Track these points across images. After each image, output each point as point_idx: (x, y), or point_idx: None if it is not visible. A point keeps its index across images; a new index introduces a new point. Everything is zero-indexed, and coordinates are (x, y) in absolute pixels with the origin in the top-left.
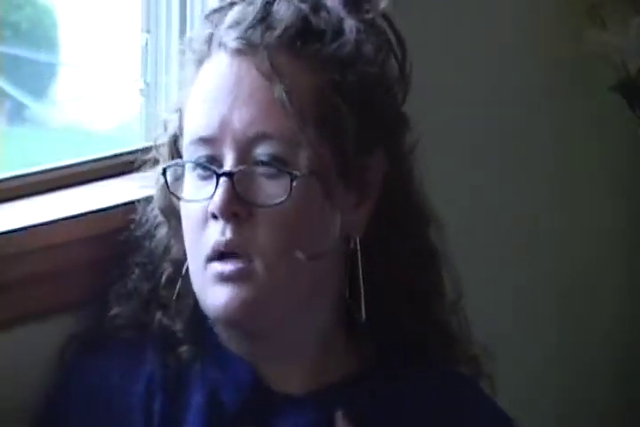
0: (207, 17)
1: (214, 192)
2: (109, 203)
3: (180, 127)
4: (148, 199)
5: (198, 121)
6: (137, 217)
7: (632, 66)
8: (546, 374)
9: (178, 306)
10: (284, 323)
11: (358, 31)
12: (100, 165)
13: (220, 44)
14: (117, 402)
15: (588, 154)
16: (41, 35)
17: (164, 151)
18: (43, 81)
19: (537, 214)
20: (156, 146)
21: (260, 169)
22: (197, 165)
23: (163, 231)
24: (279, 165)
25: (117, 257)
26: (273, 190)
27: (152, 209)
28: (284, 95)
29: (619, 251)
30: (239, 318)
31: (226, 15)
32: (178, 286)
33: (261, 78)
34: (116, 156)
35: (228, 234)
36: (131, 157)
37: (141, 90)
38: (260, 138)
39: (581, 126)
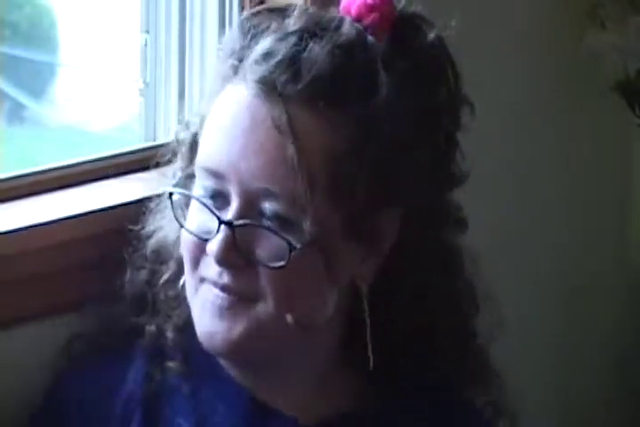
0: (244, 20)
1: (214, 236)
2: (109, 203)
3: (199, 133)
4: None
5: (209, 150)
6: (142, 216)
7: (632, 66)
8: (545, 374)
9: (172, 312)
10: (277, 361)
11: (394, 87)
12: (99, 165)
13: (244, 77)
14: (98, 419)
15: (588, 154)
16: (40, 35)
17: (184, 149)
18: (42, 81)
19: (537, 214)
20: (177, 140)
21: (264, 222)
22: (203, 204)
23: (173, 229)
24: (282, 224)
25: (116, 257)
26: (274, 248)
27: (159, 208)
28: (295, 157)
29: (618, 251)
30: (225, 350)
31: (263, 33)
32: (174, 291)
33: (275, 131)
34: (115, 156)
35: (225, 279)
36: (130, 158)
37: (140, 90)
38: (265, 194)
39: (581, 126)
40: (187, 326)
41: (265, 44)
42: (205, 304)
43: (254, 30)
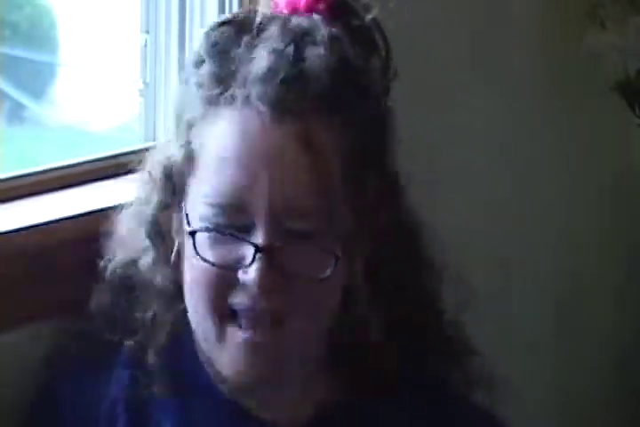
0: (210, 36)
1: (251, 264)
2: (109, 203)
3: (188, 166)
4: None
5: (225, 185)
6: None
7: (632, 66)
8: (545, 374)
9: (153, 334)
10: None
11: (381, 83)
12: (99, 165)
13: (247, 100)
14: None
15: (588, 154)
16: (40, 35)
17: (157, 175)
18: (42, 81)
19: (536, 214)
20: (150, 172)
21: (296, 239)
22: (223, 233)
23: (147, 258)
24: (311, 237)
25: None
26: (311, 262)
27: (135, 231)
28: (321, 169)
29: (618, 251)
30: (254, 384)
31: (239, 48)
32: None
33: (299, 150)
34: (115, 156)
35: (263, 304)
36: (130, 158)
37: (140, 90)
38: (297, 214)
39: (581, 126)
40: (169, 348)
41: (261, 63)
42: (238, 345)
43: (228, 45)
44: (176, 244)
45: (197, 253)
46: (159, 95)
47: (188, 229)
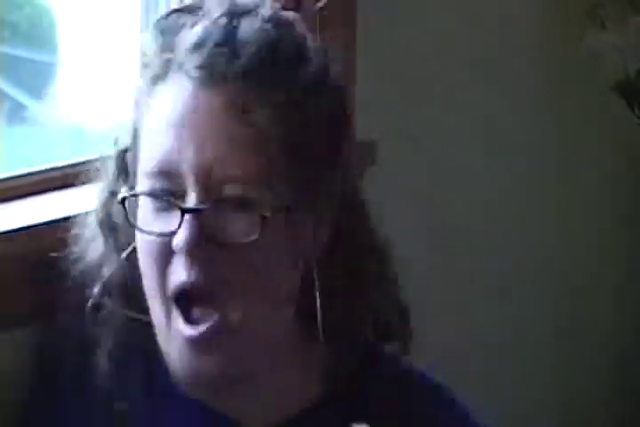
0: (159, 23)
1: (178, 228)
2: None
3: (134, 145)
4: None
5: (158, 152)
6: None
7: (632, 66)
8: (545, 374)
9: (106, 331)
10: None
11: (323, 52)
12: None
13: (180, 68)
14: None
15: (588, 153)
16: (40, 35)
17: (110, 166)
18: (42, 81)
19: (536, 214)
20: (101, 158)
21: (226, 205)
22: (158, 198)
23: (97, 248)
24: (244, 205)
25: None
26: (241, 227)
27: (86, 225)
28: (253, 135)
29: (618, 251)
30: (212, 382)
31: (182, 28)
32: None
33: (229, 114)
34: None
35: (194, 275)
36: None
37: None
38: (228, 179)
39: (581, 126)
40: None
41: (195, 32)
42: (185, 342)
43: (173, 28)
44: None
45: (128, 221)
46: None
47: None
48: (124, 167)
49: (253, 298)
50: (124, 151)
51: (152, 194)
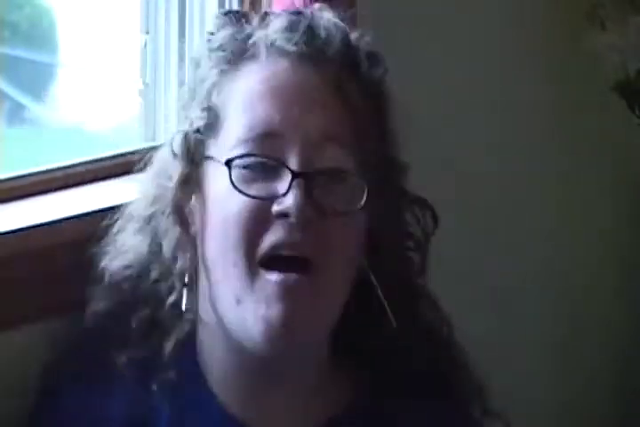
0: (227, 15)
1: (287, 192)
2: (109, 203)
3: (211, 126)
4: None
5: (255, 119)
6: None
7: (632, 66)
8: (545, 374)
9: (171, 329)
10: (314, 344)
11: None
12: (99, 165)
13: (275, 47)
14: None
15: (588, 154)
16: (40, 35)
17: (178, 146)
18: (42, 82)
19: (536, 214)
20: (171, 142)
21: (327, 174)
22: (256, 164)
23: (171, 238)
24: (345, 176)
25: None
26: (345, 197)
27: (151, 206)
28: (348, 107)
29: (618, 251)
30: (291, 334)
31: (264, 19)
32: (184, 303)
33: (327, 85)
34: (115, 156)
35: (297, 236)
36: (130, 158)
37: (140, 91)
38: (329, 143)
39: (581, 126)
40: (183, 344)
41: (282, 17)
42: (273, 290)
43: (240, 22)
44: (197, 222)
45: (234, 186)
46: (159, 95)
47: (223, 160)
48: (192, 152)
49: (341, 267)
50: (198, 132)
51: (259, 155)
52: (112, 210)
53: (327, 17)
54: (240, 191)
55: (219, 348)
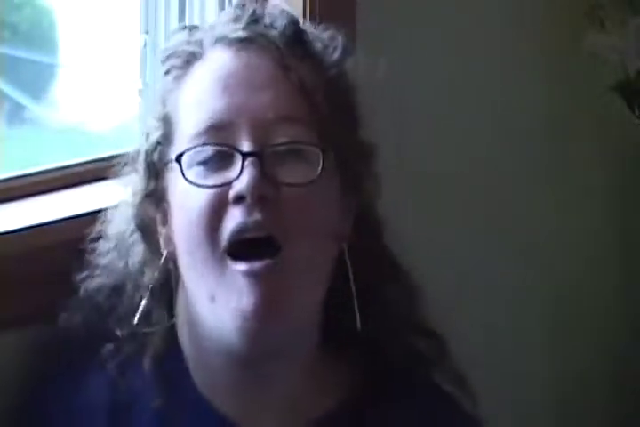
0: (184, 28)
1: (240, 174)
2: (109, 203)
3: (166, 135)
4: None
5: (204, 112)
6: (100, 229)
7: (631, 67)
8: (544, 375)
9: (148, 339)
10: (296, 334)
11: (342, 39)
12: (99, 165)
13: (218, 40)
14: None
15: (588, 154)
16: (40, 36)
17: (141, 162)
18: (42, 82)
19: (535, 214)
20: (132, 157)
21: (283, 149)
22: (210, 158)
23: (138, 250)
24: (303, 144)
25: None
26: (300, 170)
27: (122, 224)
28: (297, 84)
29: (614, 252)
30: (269, 322)
31: (215, 20)
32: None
33: (274, 67)
34: (115, 156)
35: (257, 215)
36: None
37: (140, 91)
38: (280, 121)
39: (581, 126)
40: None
41: (226, 14)
42: (241, 278)
43: (193, 28)
44: (162, 234)
45: (187, 179)
46: None
47: (174, 157)
48: (155, 165)
49: (309, 243)
50: (156, 145)
51: (208, 144)
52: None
53: (274, 5)
54: (193, 183)
55: (202, 352)
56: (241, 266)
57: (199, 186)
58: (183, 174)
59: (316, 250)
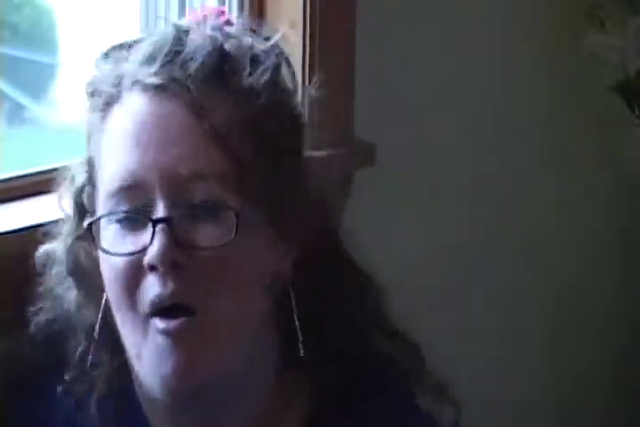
0: (107, 55)
1: (151, 241)
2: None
3: (91, 179)
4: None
5: (117, 170)
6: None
7: (631, 67)
8: (544, 375)
9: (92, 380)
10: (230, 380)
11: (274, 56)
12: None
13: (134, 83)
14: None
15: (588, 154)
16: (40, 36)
17: (68, 206)
18: (42, 82)
19: (536, 214)
20: (58, 199)
21: (197, 211)
22: (126, 217)
23: (71, 296)
24: (218, 205)
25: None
26: (214, 232)
27: (56, 270)
28: (215, 130)
29: (614, 252)
30: (187, 378)
31: (132, 52)
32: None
33: (188, 115)
34: None
35: (171, 285)
36: None
37: None
38: (193, 178)
39: (581, 126)
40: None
41: (144, 47)
42: (159, 338)
43: (119, 57)
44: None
45: (101, 248)
46: None
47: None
48: (82, 206)
49: (229, 301)
50: (81, 189)
51: (118, 212)
52: None
53: (197, 35)
54: (107, 252)
55: (147, 391)
56: (160, 324)
57: (113, 254)
58: (96, 244)
59: (239, 304)
